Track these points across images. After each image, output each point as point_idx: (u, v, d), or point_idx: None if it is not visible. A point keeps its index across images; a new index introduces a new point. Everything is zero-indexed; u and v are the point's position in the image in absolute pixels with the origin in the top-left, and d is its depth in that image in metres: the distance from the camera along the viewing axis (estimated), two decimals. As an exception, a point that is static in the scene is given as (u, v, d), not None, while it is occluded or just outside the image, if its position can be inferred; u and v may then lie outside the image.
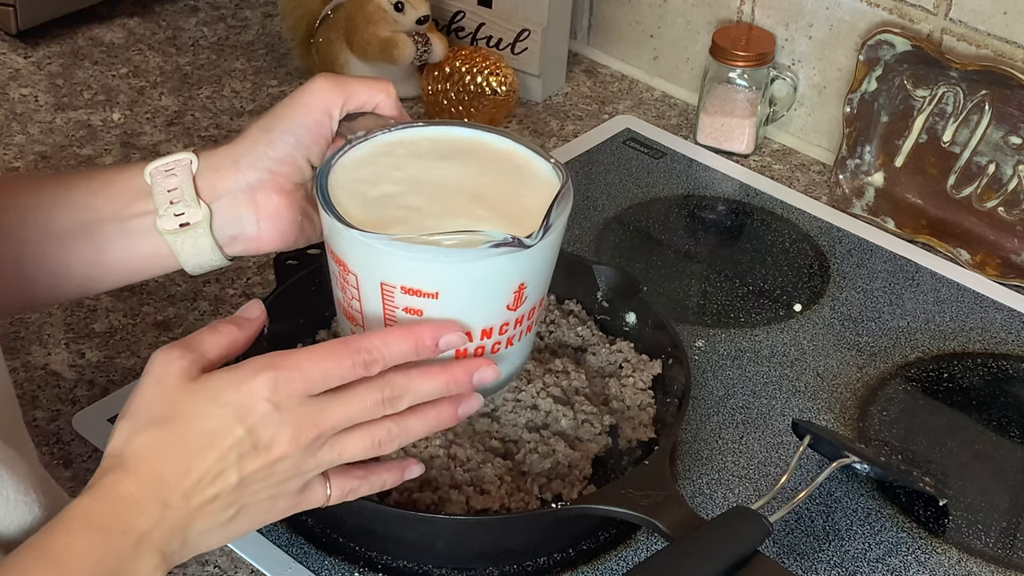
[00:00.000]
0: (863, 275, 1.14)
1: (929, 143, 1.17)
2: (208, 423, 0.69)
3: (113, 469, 0.68)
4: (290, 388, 0.70)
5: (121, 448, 0.69)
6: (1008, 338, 1.08)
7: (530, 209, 0.77)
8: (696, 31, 1.32)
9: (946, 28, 1.16)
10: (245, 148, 0.81)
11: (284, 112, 0.81)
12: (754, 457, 0.96)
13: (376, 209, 0.77)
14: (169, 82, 1.34)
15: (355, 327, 0.80)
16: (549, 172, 0.81)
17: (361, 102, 0.82)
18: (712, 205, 1.23)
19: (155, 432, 0.69)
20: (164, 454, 0.68)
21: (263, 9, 1.47)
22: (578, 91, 1.37)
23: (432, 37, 1.27)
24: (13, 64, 1.35)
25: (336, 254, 0.78)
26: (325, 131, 0.81)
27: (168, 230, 0.80)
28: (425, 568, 0.86)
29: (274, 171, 0.81)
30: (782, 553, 0.89)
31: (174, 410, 0.70)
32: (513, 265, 0.75)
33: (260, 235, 0.82)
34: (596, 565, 0.88)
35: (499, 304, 0.77)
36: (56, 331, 1.04)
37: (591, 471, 0.89)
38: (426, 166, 0.80)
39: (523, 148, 0.82)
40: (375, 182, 0.79)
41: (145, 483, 0.67)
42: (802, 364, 1.05)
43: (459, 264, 0.74)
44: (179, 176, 0.80)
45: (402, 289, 0.75)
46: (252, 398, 0.69)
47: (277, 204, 0.81)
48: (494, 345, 0.79)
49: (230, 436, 0.69)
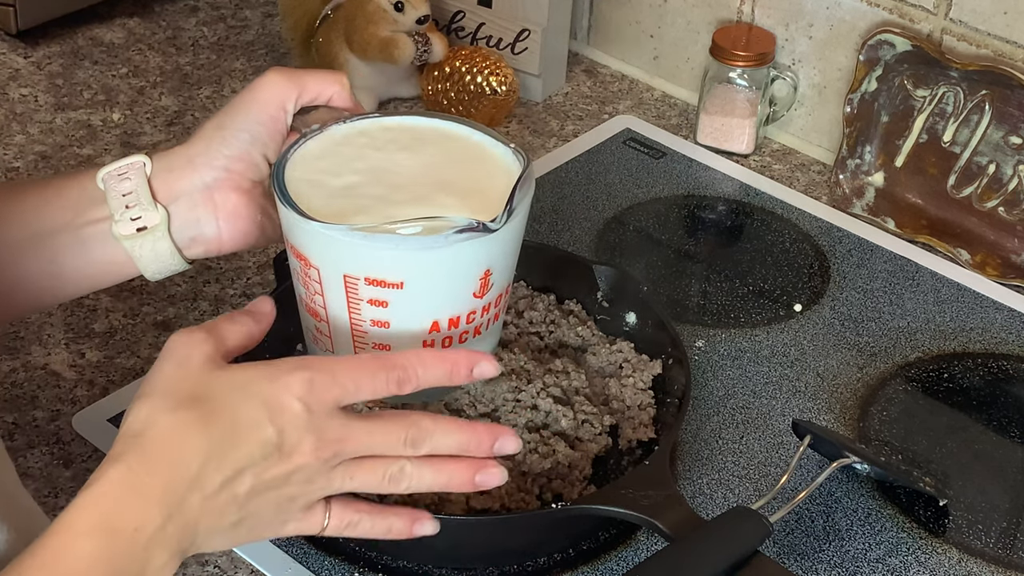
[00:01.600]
0: (863, 275, 1.14)
1: (929, 143, 1.17)
2: (238, 413, 0.66)
3: (129, 453, 0.64)
4: (323, 393, 0.68)
5: (142, 427, 0.65)
6: (1008, 338, 1.08)
7: (492, 196, 0.76)
8: (696, 31, 1.32)
9: (946, 28, 1.16)
10: (200, 147, 0.80)
11: (238, 108, 0.80)
12: (754, 457, 0.96)
13: (338, 200, 0.76)
14: (169, 82, 1.34)
15: (319, 323, 0.79)
16: (509, 158, 0.80)
17: (315, 95, 0.81)
18: (712, 205, 1.23)
19: (182, 413, 0.65)
20: (188, 438, 0.65)
21: (263, 9, 1.47)
22: (578, 91, 1.37)
23: (432, 37, 1.27)
24: (13, 64, 1.35)
25: (296, 248, 0.77)
26: (280, 126, 0.80)
27: (125, 235, 0.78)
28: (425, 568, 0.86)
29: (230, 169, 0.79)
30: (782, 553, 0.89)
31: (203, 392, 0.67)
32: (478, 251, 0.75)
33: (220, 236, 0.80)
34: (596, 565, 0.88)
35: (466, 292, 0.76)
36: (56, 331, 1.04)
37: (591, 471, 0.89)
38: (386, 156, 0.79)
39: (482, 135, 0.81)
40: (337, 172, 0.78)
41: (163, 470, 0.64)
42: (802, 364, 1.05)
43: (423, 252, 0.73)
44: (133, 179, 0.79)
45: (366, 280, 0.74)
46: (286, 395, 0.67)
47: (236, 203, 0.80)
48: (461, 334, 0.78)
49: (259, 433, 0.66)
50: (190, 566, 0.86)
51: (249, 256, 1.12)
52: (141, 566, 0.63)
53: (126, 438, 0.65)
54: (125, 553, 0.63)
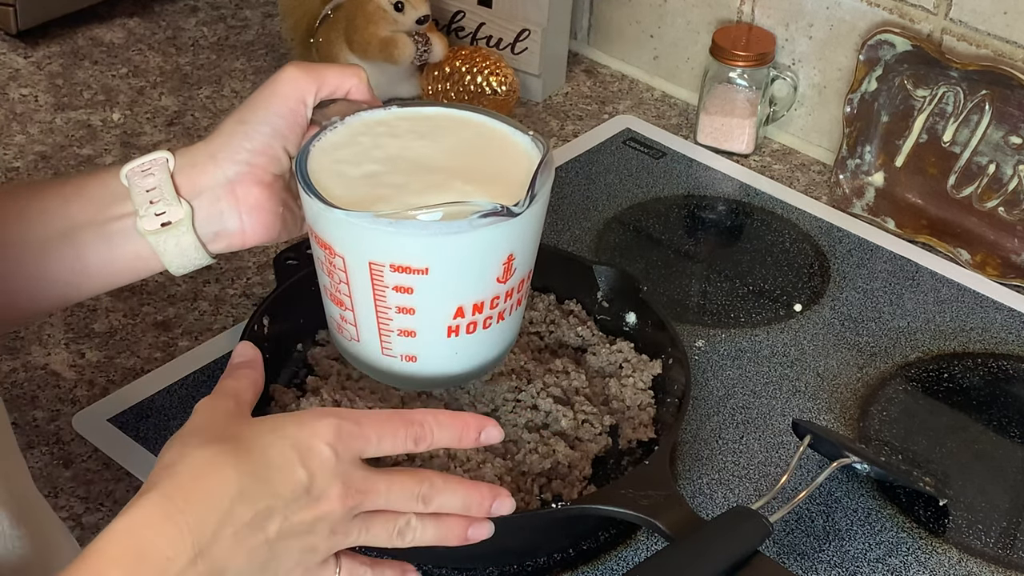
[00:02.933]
0: (863, 275, 1.14)
1: (929, 143, 1.17)
2: (270, 453, 0.67)
3: (163, 482, 0.64)
4: (349, 441, 0.69)
5: (174, 460, 0.66)
6: (1008, 338, 1.08)
7: (512, 181, 0.77)
8: (696, 31, 1.32)
9: (946, 28, 1.16)
10: (222, 142, 0.80)
11: (258, 103, 0.81)
12: (754, 457, 0.96)
13: (359, 188, 0.77)
14: (169, 82, 1.34)
15: (344, 311, 0.80)
16: (528, 145, 0.81)
17: (333, 88, 0.81)
18: (712, 205, 1.23)
19: (215, 448, 0.66)
20: (221, 471, 0.65)
21: (263, 9, 1.47)
22: (578, 91, 1.37)
23: (432, 37, 1.27)
24: (13, 64, 1.35)
25: (321, 237, 0.77)
26: (300, 119, 0.81)
27: (149, 231, 0.79)
28: (425, 568, 0.86)
29: (252, 163, 0.80)
30: (782, 553, 0.89)
31: (235, 433, 0.67)
32: (502, 235, 0.75)
33: (243, 229, 0.81)
34: (596, 565, 0.88)
35: (489, 277, 0.77)
36: (56, 331, 1.04)
37: (591, 471, 0.89)
38: (405, 144, 0.80)
39: (500, 124, 0.82)
40: (356, 162, 0.79)
41: (196, 500, 0.64)
42: (802, 364, 1.05)
43: (448, 236, 0.74)
44: (157, 175, 0.79)
45: (391, 267, 0.75)
46: (315, 439, 0.68)
47: (258, 196, 0.80)
48: (486, 320, 0.79)
49: (291, 474, 0.66)
50: (190, 566, 0.86)
51: (249, 256, 1.12)
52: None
53: (160, 470, 0.66)
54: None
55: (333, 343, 0.87)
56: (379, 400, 0.90)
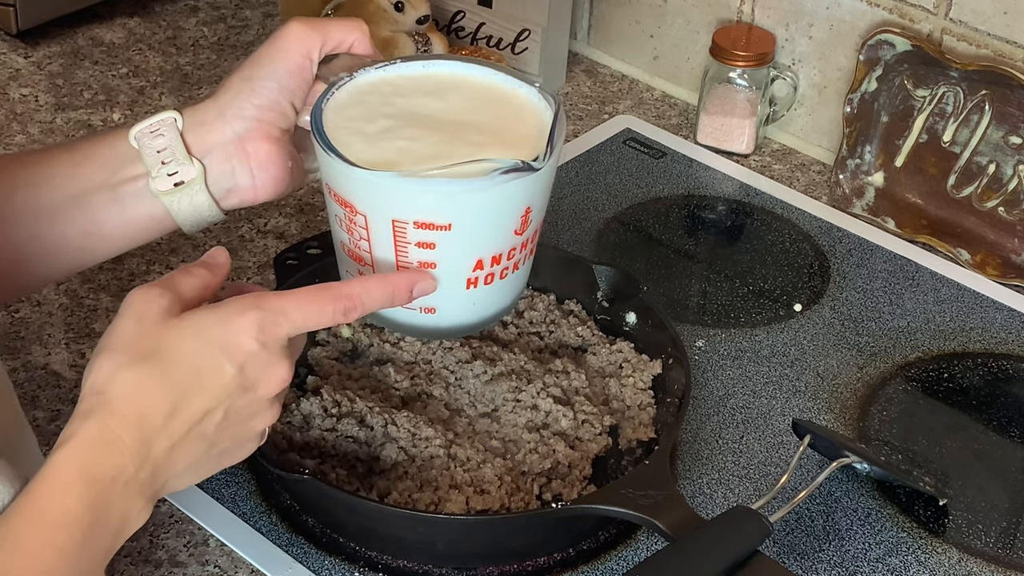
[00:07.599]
0: (863, 275, 1.14)
1: (929, 143, 1.17)
2: (196, 360, 0.68)
3: (97, 410, 0.66)
4: (274, 329, 0.70)
5: (104, 385, 0.67)
6: (1008, 338, 1.08)
7: (523, 135, 0.79)
8: (696, 31, 1.32)
9: (946, 28, 1.17)
10: (229, 99, 0.81)
11: (264, 59, 0.81)
12: (754, 457, 0.96)
13: (376, 144, 0.78)
14: (169, 82, 1.34)
15: (363, 267, 0.80)
16: (536, 97, 0.82)
17: (337, 42, 0.82)
18: (712, 205, 1.23)
19: (141, 368, 0.67)
20: (150, 392, 0.67)
21: (263, 9, 1.47)
22: (578, 91, 1.37)
23: (432, 37, 1.27)
24: (13, 64, 1.35)
25: (341, 196, 0.78)
26: (307, 74, 0.81)
27: (163, 191, 0.80)
28: (425, 568, 0.86)
29: (260, 119, 0.81)
30: (782, 553, 0.89)
31: (159, 346, 0.68)
32: (522, 190, 0.77)
33: (255, 185, 0.82)
34: (596, 565, 0.88)
35: (508, 230, 0.78)
36: (56, 331, 1.04)
37: (591, 471, 0.89)
38: (414, 102, 0.81)
39: (506, 77, 0.83)
40: (369, 119, 0.79)
41: (131, 424, 0.66)
42: (802, 364, 1.05)
43: (472, 194, 0.75)
44: (167, 135, 0.80)
45: (415, 224, 0.76)
46: (240, 336, 0.69)
47: (268, 151, 0.81)
48: (503, 271, 0.80)
49: (221, 374, 0.69)
50: (190, 566, 0.86)
51: (249, 256, 1.12)
52: (121, 512, 0.66)
53: (92, 396, 0.67)
54: (106, 502, 0.65)
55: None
56: (380, 399, 0.90)
